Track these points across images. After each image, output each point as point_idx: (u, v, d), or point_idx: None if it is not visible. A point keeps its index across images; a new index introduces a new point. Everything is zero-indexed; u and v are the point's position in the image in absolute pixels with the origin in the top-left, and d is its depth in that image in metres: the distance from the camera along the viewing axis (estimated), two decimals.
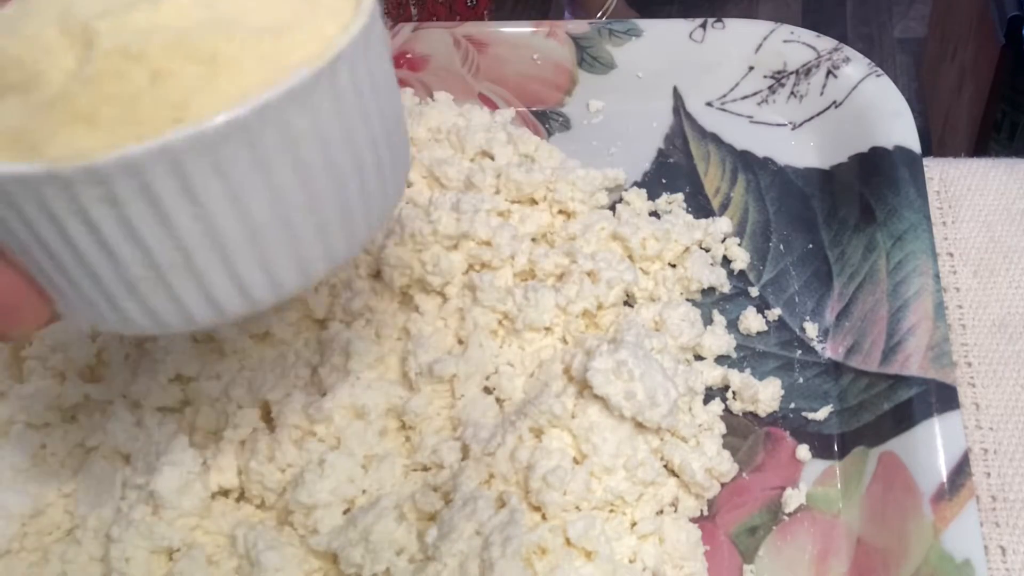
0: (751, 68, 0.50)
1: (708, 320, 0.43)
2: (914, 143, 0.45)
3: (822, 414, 0.40)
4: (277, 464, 0.38)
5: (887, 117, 0.46)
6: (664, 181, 0.49)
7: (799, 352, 0.42)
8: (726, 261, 0.46)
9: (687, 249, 0.45)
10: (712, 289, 0.44)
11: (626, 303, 0.43)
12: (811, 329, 0.43)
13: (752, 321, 0.43)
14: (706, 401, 0.41)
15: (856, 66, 0.48)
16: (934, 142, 1.33)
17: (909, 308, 0.40)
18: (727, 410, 0.41)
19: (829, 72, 0.49)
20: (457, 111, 0.50)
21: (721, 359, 0.42)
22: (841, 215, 0.46)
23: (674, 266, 0.45)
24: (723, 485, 0.39)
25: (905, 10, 1.66)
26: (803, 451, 0.39)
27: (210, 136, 0.21)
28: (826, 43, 0.50)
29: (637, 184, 0.49)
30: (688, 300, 0.44)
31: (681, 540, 0.36)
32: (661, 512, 0.38)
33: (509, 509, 0.35)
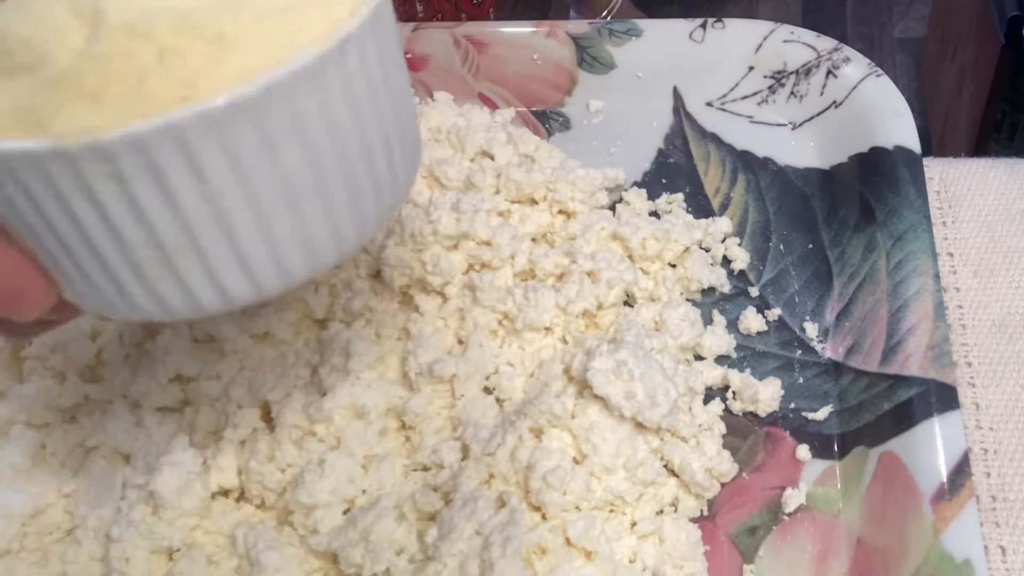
0: (751, 68, 0.50)
1: (708, 320, 0.43)
2: (914, 143, 0.45)
3: (822, 414, 0.40)
4: (277, 464, 0.38)
5: (887, 117, 0.46)
6: (664, 181, 0.49)
7: (799, 352, 0.42)
8: (726, 261, 0.46)
9: (687, 249, 0.45)
10: (712, 289, 0.44)
11: (626, 303, 0.43)
12: (811, 329, 0.43)
13: (752, 321, 0.43)
14: (706, 401, 0.41)
15: (856, 66, 0.48)
16: (934, 142, 1.33)
17: (909, 308, 0.40)
18: (727, 410, 0.41)
19: (829, 72, 0.49)
20: (457, 111, 0.50)
21: (721, 359, 0.42)
22: (841, 215, 0.46)
23: (674, 266, 0.45)
24: (723, 485, 0.39)
25: (905, 10, 1.66)
26: (803, 451, 0.39)
27: (216, 114, 0.21)
28: (826, 43, 0.50)
29: (637, 184, 0.48)
30: (688, 300, 0.44)
31: (681, 540, 0.36)
32: (661, 512, 0.38)
33: (509, 509, 0.35)
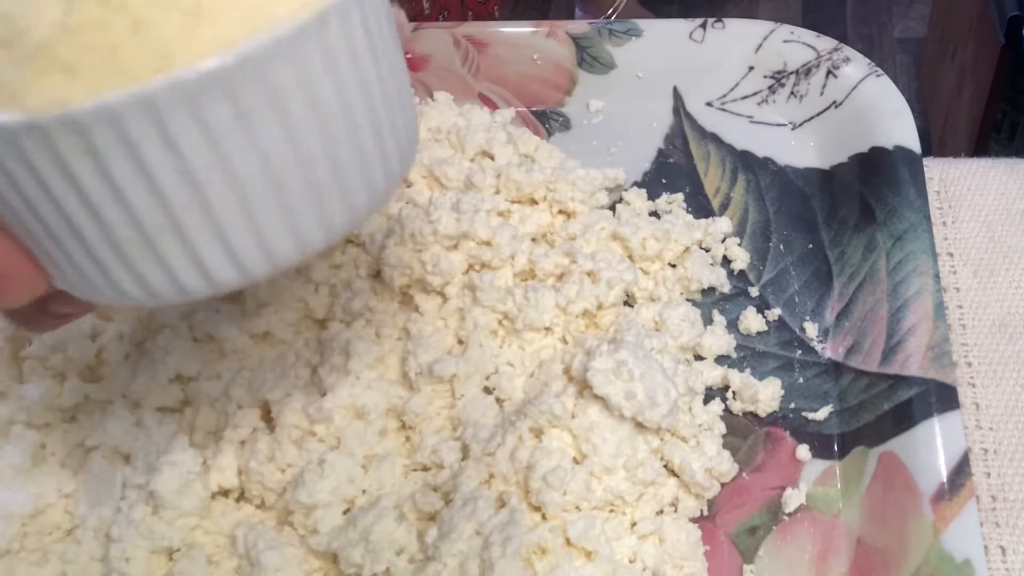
0: (751, 68, 0.50)
1: (708, 320, 0.43)
2: (914, 143, 0.45)
3: (822, 414, 0.40)
4: (277, 464, 0.38)
5: (887, 117, 0.46)
6: (664, 181, 0.49)
7: (799, 352, 0.42)
8: (726, 261, 0.46)
9: (687, 249, 0.45)
10: (712, 289, 0.44)
11: (626, 303, 0.43)
12: (811, 329, 0.43)
13: (752, 321, 0.43)
14: (706, 401, 0.41)
15: (856, 66, 0.48)
16: (934, 142, 1.32)
17: (909, 308, 0.40)
18: (727, 410, 0.41)
19: (829, 72, 0.49)
20: (457, 111, 0.50)
21: (721, 359, 0.42)
22: (841, 215, 0.46)
23: (674, 266, 0.45)
24: (723, 485, 0.39)
25: (905, 10, 1.66)
26: (803, 451, 0.39)
27: (188, 85, 0.21)
28: (826, 43, 0.50)
29: (637, 184, 0.48)
30: (688, 300, 0.44)
31: (681, 540, 0.36)
32: (661, 512, 0.38)
33: (509, 509, 0.35)
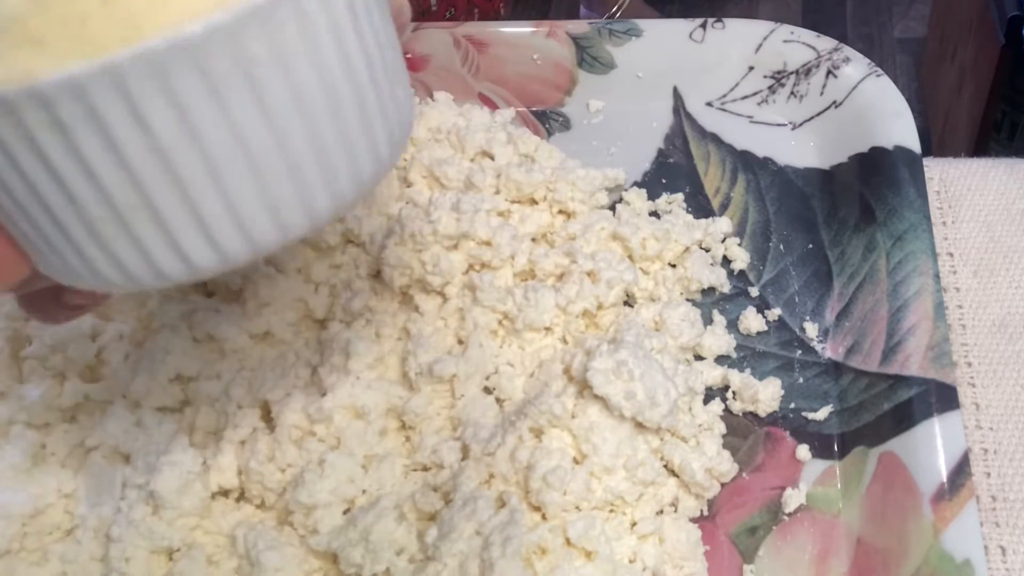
0: (751, 68, 0.50)
1: (708, 320, 0.43)
2: (914, 143, 0.45)
3: (822, 414, 0.40)
4: (277, 464, 0.38)
5: (887, 117, 0.46)
6: (664, 181, 0.49)
7: (799, 352, 0.42)
8: (726, 261, 0.46)
9: (687, 249, 0.45)
10: (712, 289, 0.44)
11: (626, 303, 0.43)
12: (811, 329, 0.43)
13: (752, 321, 0.43)
14: (706, 401, 0.41)
15: (856, 66, 0.48)
16: (934, 142, 1.32)
17: (909, 308, 0.40)
18: (727, 410, 0.41)
19: (829, 72, 0.49)
20: (457, 111, 0.50)
21: (721, 359, 0.42)
22: (841, 215, 0.46)
23: (674, 266, 0.45)
24: (723, 485, 0.39)
25: (905, 10, 1.66)
26: (803, 451, 0.39)
27: (155, 56, 0.20)
28: (826, 43, 0.50)
29: (637, 184, 0.48)
30: (688, 300, 0.44)
31: (681, 540, 0.36)
32: (661, 512, 0.38)
33: (509, 509, 0.35)
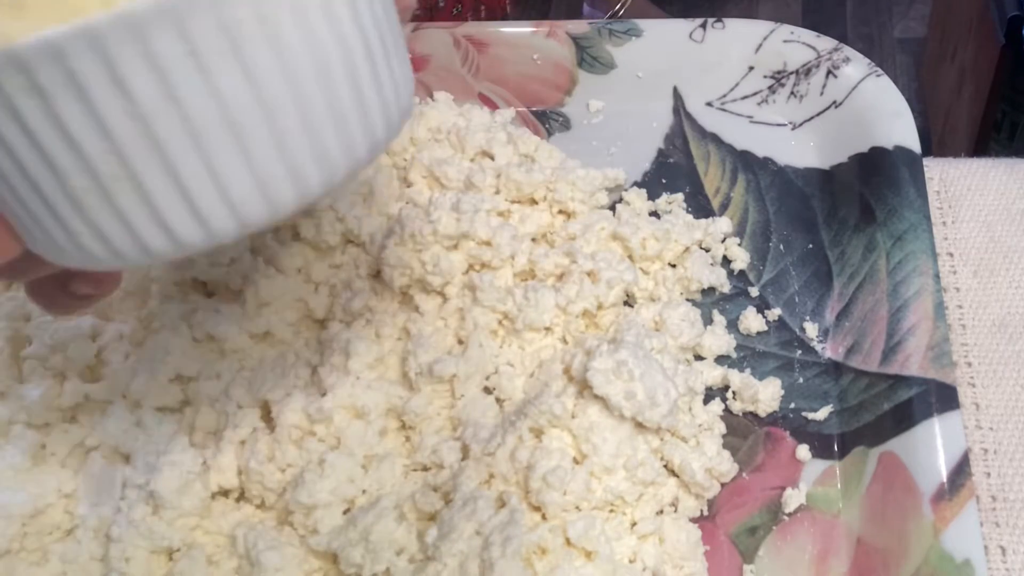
0: (751, 68, 0.50)
1: (708, 320, 0.43)
2: (914, 143, 0.45)
3: (822, 414, 0.40)
4: (277, 464, 0.38)
5: (887, 117, 0.46)
6: (664, 181, 0.49)
7: (799, 352, 0.42)
8: (726, 261, 0.46)
9: (687, 249, 0.45)
10: (712, 289, 0.44)
11: (626, 303, 0.43)
12: (811, 329, 0.43)
13: (752, 321, 0.43)
14: (706, 401, 0.41)
15: (856, 66, 0.48)
16: (934, 142, 1.32)
17: (909, 308, 0.40)
18: (727, 410, 0.41)
19: (829, 72, 0.49)
20: (457, 111, 0.50)
21: (721, 359, 0.42)
22: (841, 215, 0.46)
23: (674, 266, 0.45)
24: (723, 485, 0.39)
25: (905, 10, 1.66)
26: (803, 451, 0.39)
27: (134, 18, 0.20)
28: (826, 43, 0.50)
29: (637, 184, 0.48)
30: (688, 300, 0.44)
31: (681, 540, 0.36)
32: (661, 512, 0.38)
33: (509, 509, 0.35)
